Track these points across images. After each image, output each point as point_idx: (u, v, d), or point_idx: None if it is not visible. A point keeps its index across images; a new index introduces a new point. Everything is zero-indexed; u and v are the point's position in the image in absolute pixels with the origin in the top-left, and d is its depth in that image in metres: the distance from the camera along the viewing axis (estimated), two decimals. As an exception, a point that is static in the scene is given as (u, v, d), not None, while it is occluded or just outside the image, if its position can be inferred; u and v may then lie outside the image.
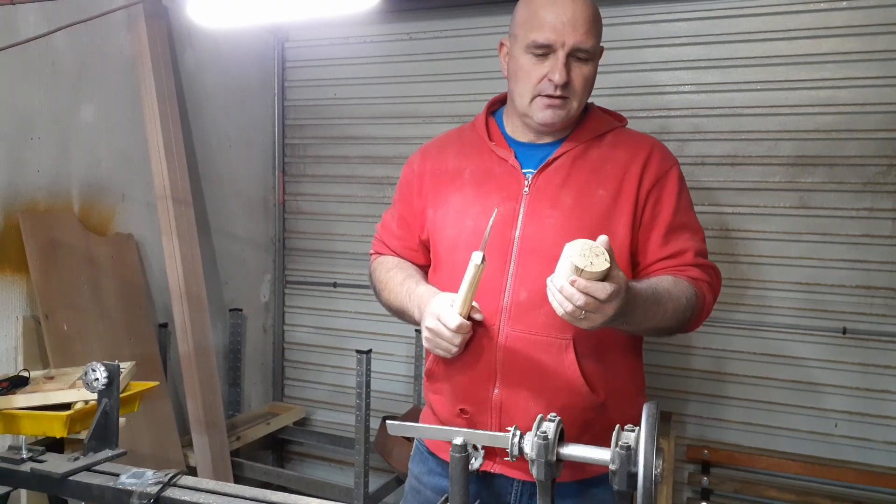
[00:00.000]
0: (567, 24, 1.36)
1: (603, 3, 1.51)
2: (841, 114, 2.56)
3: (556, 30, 1.36)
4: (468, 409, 1.44)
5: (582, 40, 1.37)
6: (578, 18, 1.37)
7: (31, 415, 1.47)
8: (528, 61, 1.41)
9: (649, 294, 1.30)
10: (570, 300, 1.16)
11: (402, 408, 3.22)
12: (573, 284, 1.14)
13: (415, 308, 1.48)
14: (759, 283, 2.71)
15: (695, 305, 1.40)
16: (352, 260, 3.37)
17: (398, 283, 1.56)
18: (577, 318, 1.18)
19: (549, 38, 1.37)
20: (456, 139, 1.60)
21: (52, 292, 2.30)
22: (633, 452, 1.02)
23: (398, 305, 1.55)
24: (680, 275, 1.41)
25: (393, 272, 1.59)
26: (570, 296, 1.15)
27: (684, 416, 2.84)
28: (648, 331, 1.39)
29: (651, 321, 1.32)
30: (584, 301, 1.15)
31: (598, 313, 1.18)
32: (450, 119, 3.09)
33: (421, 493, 1.57)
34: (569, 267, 1.15)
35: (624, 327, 1.31)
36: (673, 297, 1.35)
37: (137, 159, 2.71)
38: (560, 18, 1.36)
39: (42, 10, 2.29)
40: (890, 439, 2.58)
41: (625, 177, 1.43)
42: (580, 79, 1.40)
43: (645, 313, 1.29)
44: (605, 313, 1.18)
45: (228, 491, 1.28)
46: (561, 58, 1.37)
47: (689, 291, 1.39)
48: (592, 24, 1.39)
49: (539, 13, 1.39)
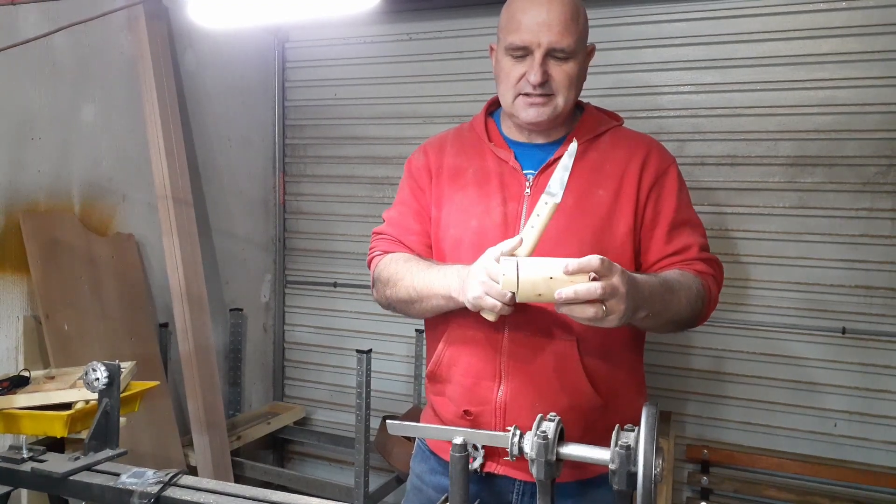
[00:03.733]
0: (542, 26, 1.38)
1: (603, 4, 1.52)
2: (840, 114, 2.56)
3: (532, 31, 1.38)
4: (472, 411, 1.44)
5: (557, 40, 1.38)
6: (553, 20, 1.38)
7: (32, 414, 1.47)
8: (508, 63, 1.43)
9: (659, 283, 1.30)
10: (590, 294, 1.14)
11: (403, 407, 3.22)
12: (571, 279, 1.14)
13: (453, 278, 1.36)
14: (759, 282, 2.71)
15: (704, 296, 1.40)
16: (352, 260, 3.37)
17: (424, 268, 1.45)
18: (598, 317, 1.17)
19: (525, 39, 1.39)
20: (454, 140, 1.59)
21: (52, 292, 2.30)
22: (633, 452, 1.03)
23: (424, 288, 1.43)
24: (686, 269, 1.42)
25: (412, 263, 1.49)
26: (590, 290, 1.14)
27: (684, 415, 2.85)
28: (668, 324, 1.36)
29: (669, 310, 1.32)
30: (600, 288, 1.13)
31: (616, 298, 1.16)
32: (450, 119, 3.09)
33: (423, 491, 1.57)
34: (546, 278, 1.16)
35: (647, 322, 1.30)
36: (684, 286, 1.36)
37: (138, 159, 2.72)
38: (535, 20, 1.38)
39: (42, 11, 2.29)
40: (889, 439, 2.58)
41: (624, 176, 1.44)
42: (561, 76, 1.41)
43: (662, 301, 1.28)
44: (622, 295, 1.16)
45: (229, 490, 1.28)
46: (538, 58, 1.39)
47: (697, 282, 1.40)
48: (569, 23, 1.39)
49: (515, 16, 1.41)
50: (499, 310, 1.25)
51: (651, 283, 1.28)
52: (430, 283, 1.41)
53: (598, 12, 2.74)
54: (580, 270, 1.15)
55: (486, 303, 1.25)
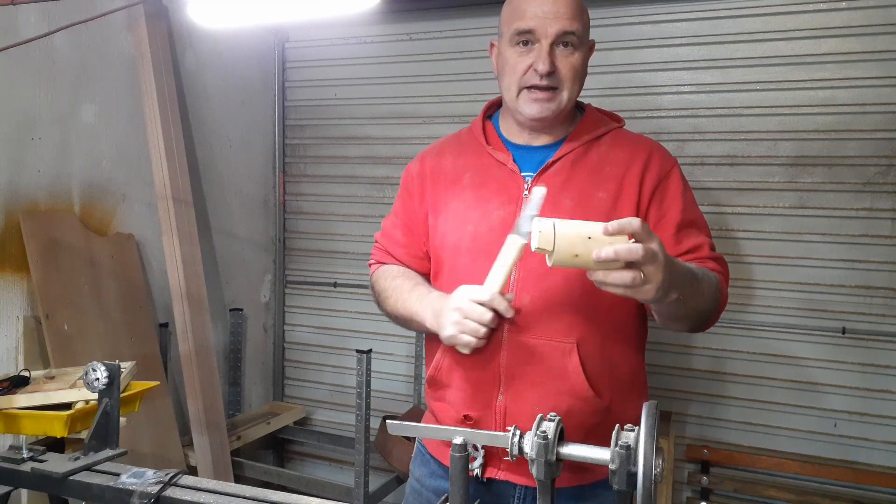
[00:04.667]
0: (549, 13, 1.38)
1: (603, 4, 1.52)
2: (840, 114, 2.56)
3: (539, 17, 1.38)
4: (472, 416, 1.43)
5: (566, 24, 1.38)
6: (560, 8, 1.38)
7: (32, 414, 1.47)
8: (514, 53, 1.42)
9: (687, 268, 1.26)
10: (631, 254, 1.09)
11: (403, 407, 3.22)
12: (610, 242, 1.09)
13: (427, 311, 1.43)
14: (759, 282, 2.71)
15: (720, 291, 1.40)
16: (352, 260, 3.37)
17: (406, 290, 1.51)
18: (636, 284, 1.12)
19: (531, 24, 1.38)
20: (454, 144, 1.59)
21: (52, 292, 2.31)
22: (633, 452, 1.03)
23: (405, 313, 1.50)
24: (701, 265, 1.41)
25: (399, 280, 1.55)
26: (631, 250, 1.09)
27: (684, 415, 2.85)
28: (691, 313, 1.33)
29: (695, 297, 1.28)
30: (641, 248, 1.09)
31: (655, 265, 1.12)
32: (450, 119, 3.10)
33: (422, 494, 1.57)
34: (584, 238, 1.10)
35: (674, 308, 1.26)
36: (706, 277, 1.34)
37: (138, 159, 2.72)
38: (542, 8, 1.38)
39: (43, 11, 2.29)
40: (889, 439, 2.58)
41: (625, 178, 1.43)
42: (567, 67, 1.40)
43: (690, 286, 1.24)
44: (660, 263, 1.12)
45: (229, 490, 1.28)
46: (545, 46, 1.38)
47: (714, 276, 1.39)
48: (576, 10, 1.40)
49: (521, 5, 1.41)
50: (473, 345, 1.33)
51: (681, 264, 1.25)
52: (409, 309, 1.49)
53: (598, 12, 2.73)
54: (621, 231, 1.10)
55: (461, 340, 1.33)
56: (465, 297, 1.31)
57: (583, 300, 1.38)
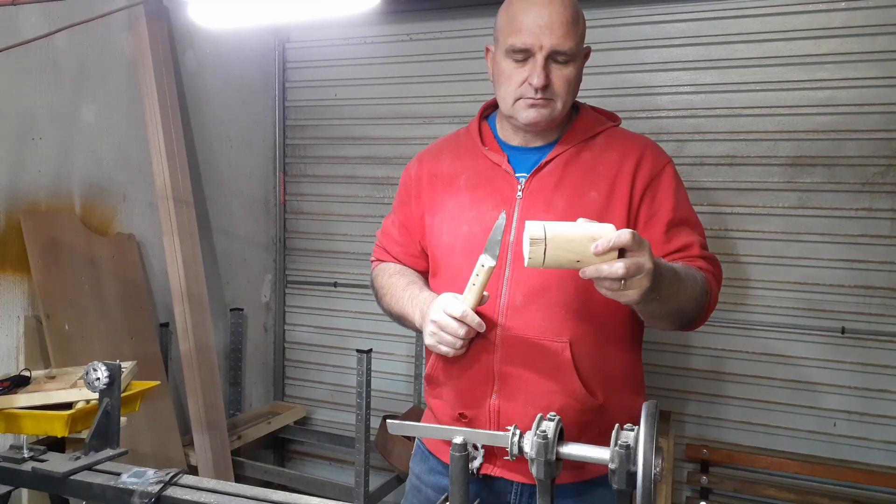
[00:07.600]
0: (544, 28, 1.37)
1: (602, 5, 1.52)
2: (840, 114, 2.56)
3: (533, 34, 1.37)
4: (467, 414, 1.44)
5: (559, 43, 1.37)
6: (555, 22, 1.37)
7: (33, 414, 1.47)
8: (509, 66, 1.42)
9: (670, 267, 1.27)
10: (613, 274, 1.13)
11: (403, 407, 3.23)
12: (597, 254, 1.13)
13: (416, 312, 1.47)
14: (758, 282, 2.71)
15: (707, 291, 1.39)
16: (352, 260, 3.38)
17: (400, 288, 1.56)
18: (619, 289, 1.16)
19: (527, 42, 1.37)
20: (451, 145, 1.60)
21: (53, 292, 2.31)
22: (633, 451, 1.03)
23: (399, 311, 1.55)
24: (689, 264, 1.41)
25: (395, 278, 1.60)
26: (614, 271, 1.13)
27: (683, 415, 2.85)
28: (671, 313, 1.34)
29: (676, 298, 1.29)
30: (622, 268, 1.13)
31: (641, 275, 1.15)
32: (450, 119, 3.10)
33: (422, 491, 1.58)
34: (573, 261, 1.15)
35: (651, 306, 1.27)
36: (690, 277, 1.34)
37: (138, 159, 2.72)
38: (537, 22, 1.37)
39: (43, 11, 2.29)
40: (889, 438, 2.58)
41: (617, 177, 1.43)
42: (561, 80, 1.40)
43: (670, 286, 1.25)
44: (647, 272, 1.15)
45: (229, 490, 1.28)
46: (539, 61, 1.38)
47: (701, 276, 1.38)
48: (570, 26, 1.38)
49: (517, 18, 1.40)
50: (452, 354, 1.38)
51: (666, 266, 1.26)
52: (401, 308, 1.54)
53: (598, 12, 2.74)
54: (611, 249, 1.14)
55: (440, 350, 1.39)
56: (441, 309, 1.35)
57: (576, 299, 1.39)
